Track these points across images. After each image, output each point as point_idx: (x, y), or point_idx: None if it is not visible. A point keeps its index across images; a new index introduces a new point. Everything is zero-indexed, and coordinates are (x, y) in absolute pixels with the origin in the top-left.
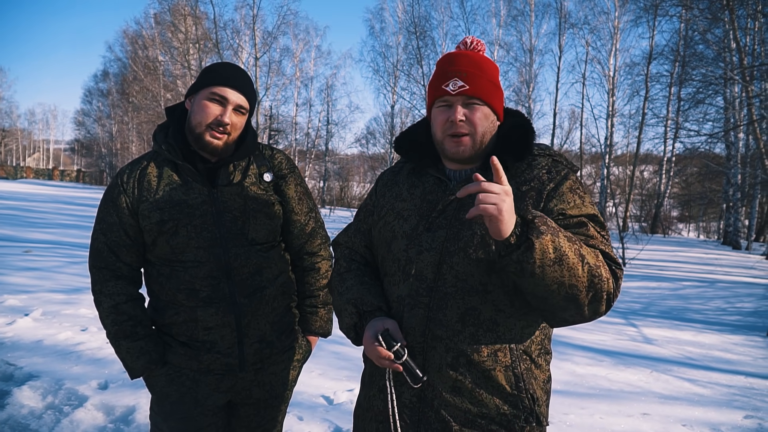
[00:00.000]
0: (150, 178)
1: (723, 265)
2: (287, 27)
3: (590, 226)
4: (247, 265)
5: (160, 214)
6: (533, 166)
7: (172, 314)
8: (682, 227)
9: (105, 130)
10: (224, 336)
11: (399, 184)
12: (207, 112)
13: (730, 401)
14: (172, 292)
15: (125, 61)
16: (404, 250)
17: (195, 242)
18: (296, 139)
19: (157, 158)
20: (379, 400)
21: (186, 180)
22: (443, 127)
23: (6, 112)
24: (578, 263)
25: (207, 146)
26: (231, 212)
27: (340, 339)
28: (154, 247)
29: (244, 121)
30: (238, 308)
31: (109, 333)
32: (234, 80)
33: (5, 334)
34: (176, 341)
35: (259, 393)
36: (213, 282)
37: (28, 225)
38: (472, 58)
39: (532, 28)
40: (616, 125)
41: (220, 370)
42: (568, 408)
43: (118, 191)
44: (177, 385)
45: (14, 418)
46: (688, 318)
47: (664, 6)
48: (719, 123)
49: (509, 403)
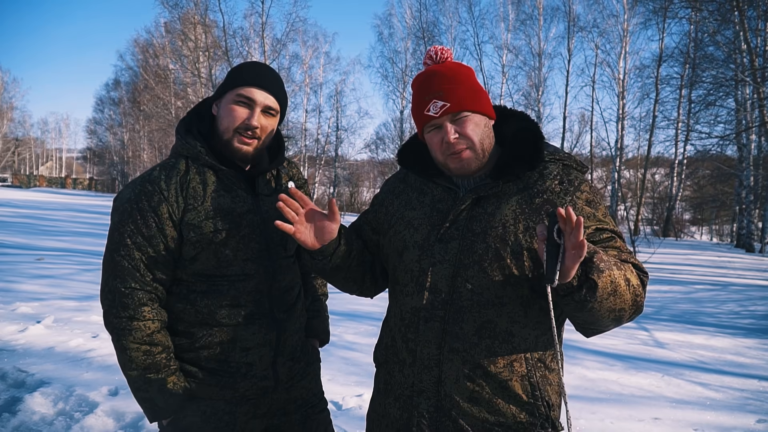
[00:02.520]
0: (194, 184)
1: (736, 268)
2: (296, 34)
3: (617, 238)
4: (285, 278)
5: (213, 224)
6: (545, 176)
7: (205, 336)
8: (695, 230)
9: (117, 138)
10: (263, 356)
11: (407, 192)
12: (234, 116)
13: (742, 405)
14: (210, 310)
15: (136, 69)
16: (417, 261)
17: (243, 254)
18: (306, 145)
19: (195, 162)
20: (395, 409)
21: (229, 187)
22: (441, 149)
23: (19, 122)
24: (626, 289)
25: (237, 152)
26: (272, 222)
27: (350, 344)
28: (193, 261)
29: (275, 123)
30: (278, 325)
31: (135, 368)
32: (261, 79)
33: (17, 341)
34: (204, 369)
35: (296, 409)
36: (257, 297)
37: (40, 233)
38: (443, 72)
39: (541, 31)
40: (627, 128)
41: (255, 394)
42: (579, 413)
43: (159, 199)
44: (215, 422)
45: (26, 425)
46: (700, 321)
47: (674, 8)
48: (731, 125)
49: (526, 411)
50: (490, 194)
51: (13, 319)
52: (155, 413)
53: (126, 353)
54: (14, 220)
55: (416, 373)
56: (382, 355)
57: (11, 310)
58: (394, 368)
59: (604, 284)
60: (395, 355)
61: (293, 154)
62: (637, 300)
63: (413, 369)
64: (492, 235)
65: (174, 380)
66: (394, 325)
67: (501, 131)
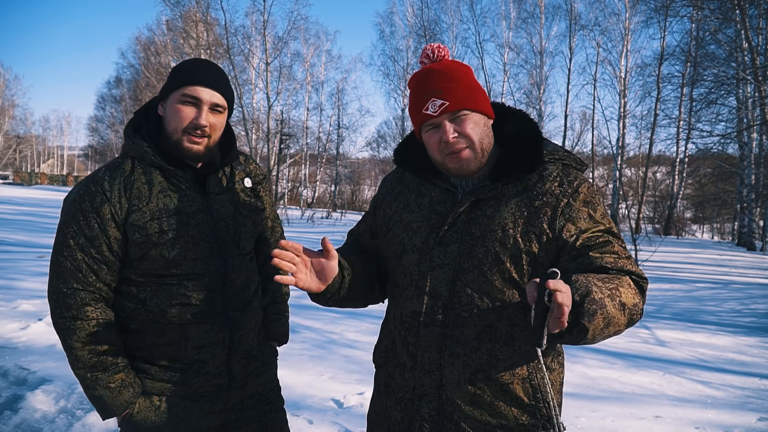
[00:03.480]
0: (139, 185)
1: (737, 266)
2: (298, 32)
3: (614, 242)
4: (240, 276)
5: (158, 225)
6: (544, 178)
7: (155, 335)
8: (696, 228)
9: (118, 136)
10: (215, 354)
11: (405, 193)
12: (181, 116)
13: (743, 403)
14: (160, 309)
15: (138, 67)
16: (416, 265)
17: (192, 253)
18: (307, 143)
19: (141, 162)
20: (397, 411)
21: (178, 187)
22: (439, 148)
23: (21, 119)
24: (620, 316)
25: (187, 152)
26: (224, 220)
27: (351, 342)
28: (141, 261)
29: (223, 120)
30: (232, 323)
31: (81, 366)
32: (205, 77)
33: (19, 338)
34: (156, 366)
35: (252, 405)
36: (209, 295)
37: (42, 231)
38: (442, 70)
39: (543, 30)
40: (628, 126)
41: (209, 392)
42: (580, 411)
43: (101, 200)
44: (169, 417)
45: (27, 422)
46: (701, 320)
47: (675, 6)
48: (732, 123)
49: (528, 413)
50: (489, 197)
51: (15, 316)
52: (105, 410)
53: (72, 352)
54: (16, 217)
55: (417, 376)
56: (381, 357)
57: (13, 307)
58: (395, 371)
59: (595, 326)
60: (395, 358)
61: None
62: (633, 319)
63: (414, 373)
64: (491, 239)
65: (122, 377)
66: (393, 328)
67: (500, 130)
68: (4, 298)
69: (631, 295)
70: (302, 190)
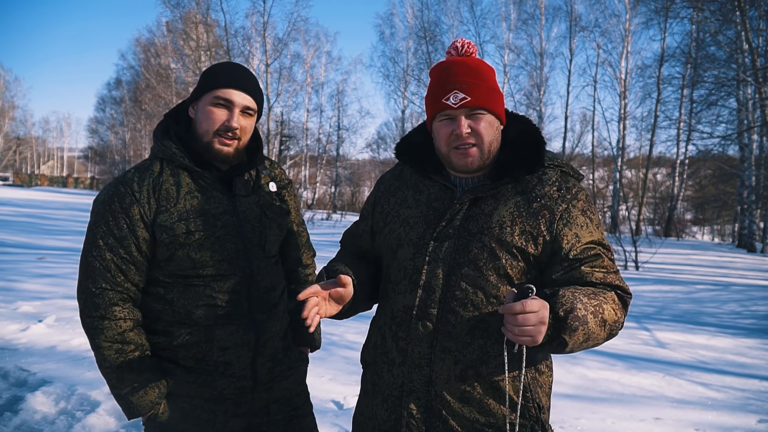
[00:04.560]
0: (167, 186)
1: (737, 268)
2: (298, 33)
3: (604, 256)
4: (266, 279)
5: (186, 225)
6: (544, 181)
7: (182, 335)
8: (696, 230)
9: (118, 137)
10: (241, 356)
11: (403, 189)
12: (213, 118)
13: (744, 405)
14: (186, 310)
15: (138, 69)
16: (411, 259)
17: (218, 255)
18: (307, 144)
19: (169, 164)
20: (383, 410)
21: (204, 188)
22: (448, 140)
23: (21, 121)
24: (600, 331)
25: (218, 154)
26: (250, 222)
27: (351, 344)
28: (168, 262)
29: (253, 123)
30: (257, 326)
31: (108, 366)
32: (237, 80)
33: (19, 340)
34: (182, 368)
35: (278, 410)
36: (234, 297)
37: (42, 232)
38: (469, 65)
39: (543, 31)
40: (628, 128)
41: (233, 394)
42: (580, 412)
43: (131, 201)
44: (194, 419)
45: (27, 424)
46: (701, 321)
47: (675, 8)
48: (732, 125)
49: (517, 413)
50: (488, 195)
51: (15, 318)
52: (131, 411)
53: (99, 352)
54: (16, 219)
55: (406, 372)
56: (370, 355)
57: (13, 309)
58: (383, 368)
59: (575, 341)
60: (385, 354)
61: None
62: (613, 333)
63: (403, 369)
64: (488, 236)
65: (149, 377)
66: (383, 324)
67: (504, 134)
68: (4, 299)
69: (613, 311)
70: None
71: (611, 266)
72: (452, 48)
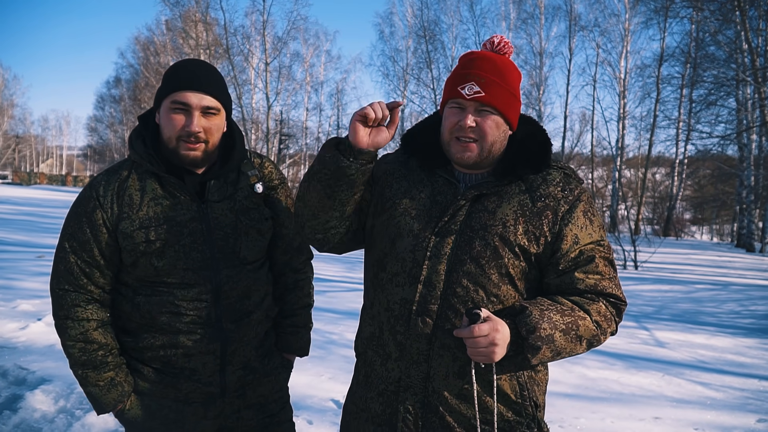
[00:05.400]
0: (131, 191)
1: (736, 267)
2: (297, 32)
3: (599, 261)
4: (238, 287)
5: (145, 234)
6: (548, 181)
7: (147, 338)
8: (695, 230)
9: (117, 136)
10: (206, 363)
11: (407, 179)
12: (173, 124)
13: (743, 405)
14: (151, 315)
15: (137, 67)
16: (410, 251)
17: (183, 263)
18: (306, 143)
19: (138, 169)
20: (378, 404)
21: (172, 194)
22: (452, 129)
23: (20, 119)
24: (575, 345)
25: (185, 159)
26: (222, 229)
27: (351, 343)
28: (134, 268)
29: (219, 122)
30: (224, 335)
31: (74, 363)
32: (192, 81)
33: (18, 338)
34: (149, 368)
35: (251, 415)
36: (200, 305)
37: (41, 230)
38: (495, 62)
39: (542, 31)
40: (628, 128)
41: (200, 398)
42: (579, 412)
43: (94, 205)
44: (160, 418)
45: (27, 422)
46: (700, 321)
47: (675, 8)
48: (731, 125)
49: (513, 411)
50: (492, 192)
51: (14, 316)
52: (98, 406)
53: (66, 350)
54: (15, 217)
55: (403, 367)
56: (363, 344)
57: (12, 307)
58: (376, 360)
59: (541, 357)
60: (381, 347)
61: (294, 152)
62: (594, 344)
63: (399, 363)
64: (491, 233)
65: (111, 376)
66: (378, 314)
67: (511, 136)
68: (3, 298)
69: (593, 326)
70: None
71: (607, 271)
72: (488, 42)
